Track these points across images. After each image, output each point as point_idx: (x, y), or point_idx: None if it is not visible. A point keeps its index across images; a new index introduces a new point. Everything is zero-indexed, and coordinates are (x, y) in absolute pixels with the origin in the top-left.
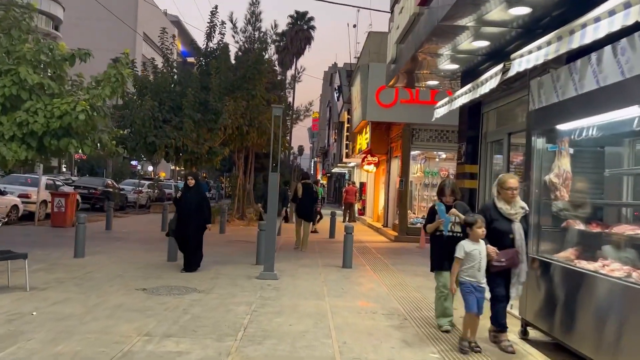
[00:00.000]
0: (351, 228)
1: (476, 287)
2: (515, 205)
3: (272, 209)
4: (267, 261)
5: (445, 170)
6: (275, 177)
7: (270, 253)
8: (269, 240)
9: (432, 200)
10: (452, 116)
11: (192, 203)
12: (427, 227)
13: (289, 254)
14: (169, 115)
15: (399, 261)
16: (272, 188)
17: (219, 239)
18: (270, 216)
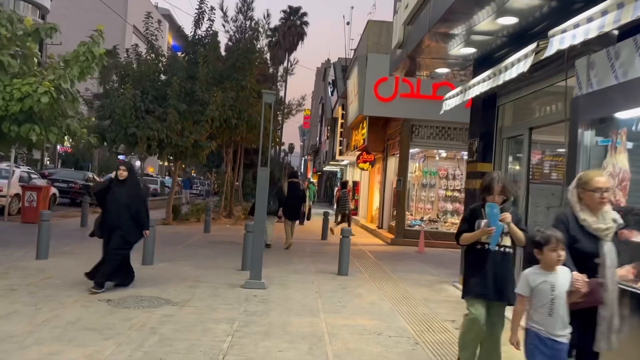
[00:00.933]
0: (348, 231)
1: (545, 340)
2: (605, 217)
3: (260, 207)
4: (254, 268)
5: (444, 169)
6: (265, 173)
7: (258, 259)
8: (257, 244)
9: (430, 201)
10: (455, 112)
11: (121, 203)
12: (464, 237)
13: (278, 257)
14: (152, 105)
15: (398, 268)
16: (260, 185)
17: (203, 239)
18: (259, 216)
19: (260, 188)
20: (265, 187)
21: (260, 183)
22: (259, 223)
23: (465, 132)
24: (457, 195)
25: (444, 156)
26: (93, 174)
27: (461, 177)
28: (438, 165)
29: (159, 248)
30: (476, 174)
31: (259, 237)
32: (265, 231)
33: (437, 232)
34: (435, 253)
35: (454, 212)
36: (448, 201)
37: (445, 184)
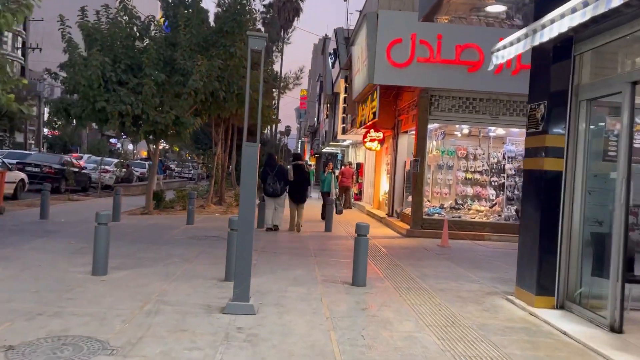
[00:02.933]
0: (365, 228)
1: None
2: None
3: (247, 197)
4: (240, 285)
5: (463, 149)
6: (253, 151)
7: (244, 271)
8: (243, 250)
9: (447, 185)
10: (483, 79)
11: None
12: None
13: (274, 257)
14: (125, 75)
15: (426, 271)
16: (247, 166)
17: (183, 234)
18: (245, 208)
19: (246, 170)
20: (252, 168)
21: (246, 163)
22: (246, 217)
23: (494, 103)
24: (478, 178)
25: (465, 132)
26: (71, 157)
27: (482, 156)
28: (456, 144)
29: (125, 248)
30: (541, 150)
31: (246, 238)
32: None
33: (460, 221)
34: (462, 247)
35: (475, 198)
36: (468, 184)
37: (464, 165)
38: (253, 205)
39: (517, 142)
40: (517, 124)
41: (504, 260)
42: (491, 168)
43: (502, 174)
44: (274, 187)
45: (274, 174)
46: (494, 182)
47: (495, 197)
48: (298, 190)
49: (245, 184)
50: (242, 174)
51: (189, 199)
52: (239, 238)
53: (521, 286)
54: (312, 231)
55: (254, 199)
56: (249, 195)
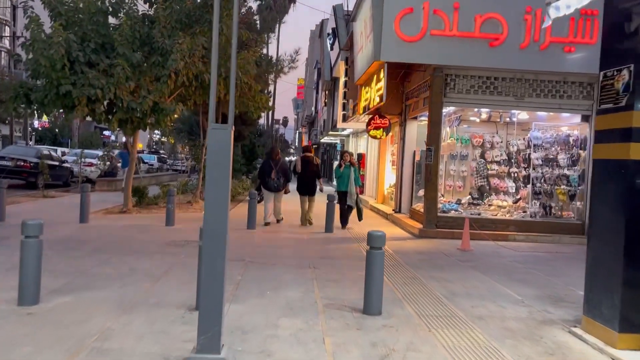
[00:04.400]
0: (380, 239)
1: None
2: None
3: (216, 200)
4: (206, 332)
5: (479, 136)
6: (225, 137)
7: (213, 312)
8: (210, 282)
9: (461, 177)
10: (506, 54)
11: None
12: None
13: (263, 270)
14: (95, 56)
15: (453, 286)
16: (215, 157)
17: (159, 239)
18: (214, 218)
19: (215, 162)
20: (223, 160)
21: (214, 154)
22: (215, 232)
23: (518, 83)
24: (495, 169)
25: (484, 118)
26: (50, 150)
27: (500, 145)
28: (470, 131)
29: (78, 261)
30: (624, 132)
31: (215, 264)
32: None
33: (480, 218)
34: (485, 250)
35: (492, 191)
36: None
37: (480, 155)
38: (225, 212)
39: (544, 127)
40: (544, 107)
41: (541, 268)
42: (510, 158)
43: (523, 164)
44: (278, 182)
45: (277, 169)
46: (513, 174)
47: (515, 190)
48: (305, 183)
49: (213, 181)
50: (209, 167)
51: (168, 197)
52: (204, 263)
53: (593, 317)
54: (309, 232)
55: (226, 203)
56: (219, 200)
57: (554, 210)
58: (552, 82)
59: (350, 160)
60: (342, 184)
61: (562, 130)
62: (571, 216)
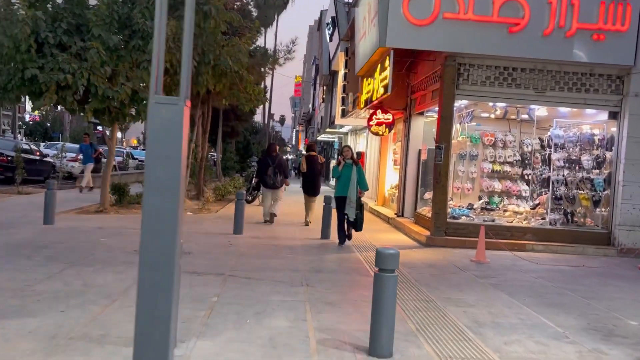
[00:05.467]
0: (392, 259)
1: None
2: None
3: (160, 209)
4: None
5: (490, 134)
6: (175, 114)
7: None
8: (153, 326)
9: (470, 178)
10: (528, 42)
11: None
12: None
13: (245, 285)
14: (67, 37)
15: (477, 312)
16: (157, 144)
17: (130, 244)
18: (157, 229)
19: (157, 151)
20: (171, 149)
21: (157, 138)
22: (160, 257)
23: (540, 74)
24: (508, 171)
25: (499, 113)
26: (29, 143)
27: (513, 144)
28: (480, 128)
29: (24, 273)
30: None
31: (159, 304)
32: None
33: (494, 225)
34: (503, 262)
35: (502, 194)
36: (495, 178)
37: (491, 155)
38: (174, 232)
39: (566, 125)
40: (568, 102)
41: (573, 288)
42: (524, 158)
43: (540, 165)
44: (274, 180)
45: (275, 166)
46: (527, 176)
47: (529, 194)
48: (311, 182)
49: (155, 184)
50: (148, 162)
51: None
52: (140, 304)
53: None
54: (303, 238)
55: (175, 219)
56: (164, 214)
57: (576, 217)
58: (577, 75)
59: (352, 157)
60: (341, 187)
61: (586, 129)
62: (595, 224)
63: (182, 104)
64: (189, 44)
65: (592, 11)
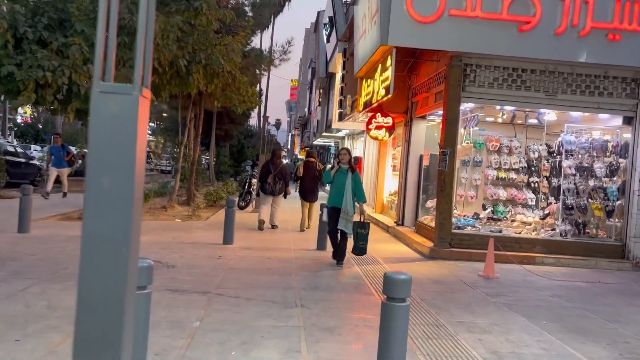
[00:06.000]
0: (404, 286)
1: None
2: None
3: (102, 223)
4: None
5: (495, 140)
6: (130, 106)
7: None
8: None
9: (474, 186)
10: (539, 42)
11: None
12: None
13: (233, 307)
14: (48, 33)
15: (494, 341)
16: (98, 146)
17: None
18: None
19: (101, 163)
20: (124, 162)
21: (101, 143)
22: (106, 294)
23: (551, 76)
24: (513, 178)
25: (506, 118)
26: (15, 145)
27: (519, 150)
28: (484, 133)
29: None
30: None
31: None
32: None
33: (501, 236)
34: (514, 278)
35: (508, 203)
36: (499, 186)
37: (496, 161)
38: (124, 263)
39: (578, 130)
40: (580, 106)
41: (595, 309)
42: (530, 165)
43: (547, 172)
44: (273, 188)
45: (276, 173)
46: (533, 183)
47: (535, 203)
48: (308, 188)
49: (99, 196)
50: (90, 168)
51: None
52: None
53: None
54: (298, 249)
55: (127, 242)
56: (113, 234)
57: (588, 228)
58: (590, 77)
59: (349, 162)
60: (334, 195)
61: (599, 134)
62: (608, 236)
63: (137, 94)
64: (147, 12)
65: (607, 9)
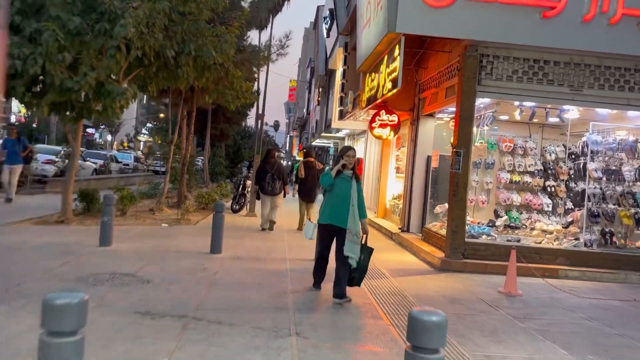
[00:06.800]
0: (437, 332)
1: None
2: None
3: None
4: None
5: (509, 140)
6: None
7: None
8: None
9: (485, 190)
10: (563, 29)
11: None
12: None
13: (213, 336)
14: (19, 18)
15: None
16: None
17: (74, 268)
18: None
19: None
20: None
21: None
22: None
23: (576, 68)
24: (528, 181)
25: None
26: None
27: (535, 152)
28: (496, 133)
29: None
30: None
31: None
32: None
33: (520, 246)
34: (540, 296)
35: (522, 208)
36: (513, 190)
37: (510, 163)
38: None
39: (604, 130)
40: (608, 102)
41: (636, 333)
42: (546, 168)
43: (577, 176)
44: (273, 186)
45: (273, 172)
46: (549, 188)
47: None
48: (308, 188)
49: None
50: None
51: (105, 206)
52: None
53: None
54: (294, 258)
55: None
56: None
57: (616, 238)
58: (620, 70)
59: (356, 168)
60: (330, 209)
61: (628, 134)
62: (638, 247)
63: None
64: None
65: None
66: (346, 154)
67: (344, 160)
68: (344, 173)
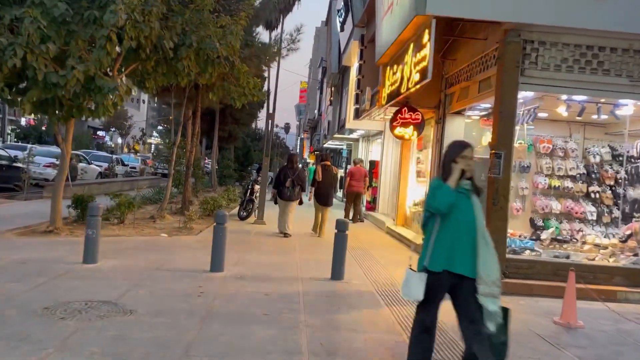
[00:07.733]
0: None
1: None
2: None
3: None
4: None
5: (547, 141)
6: None
7: None
8: None
9: (520, 196)
10: (619, 10)
11: None
12: None
13: None
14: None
15: None
16: None
17: (45, 294)
18: None
19: None
20: None
21: None
22: None
23: (636, 56)
24: (569, 187)
25: (571, 111)
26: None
27: (576, 154)
28: (532, 133)
29: None
30: None
31: None
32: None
33: (570, 263)
34: (605, 328)
35: (560, 217)
36: (551, 197)
37: (548, 167)
38: None
39: None
40: None
41: None
42: (589, 172)
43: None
44: (292, 192)
45: (294, 178)
46: (593, 194)
47: (596, 217)
48: (326, 192)
49: None
50: None
51: (89, 217)
52: None
53: None
54: (308, 278)
55: None
56: None
57: None
58: None
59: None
60: (457, 247)
61: None
62: None
63: None
64: None
65: None
66: (460, 155)
67: (462, 164)
68: (463, 185)
